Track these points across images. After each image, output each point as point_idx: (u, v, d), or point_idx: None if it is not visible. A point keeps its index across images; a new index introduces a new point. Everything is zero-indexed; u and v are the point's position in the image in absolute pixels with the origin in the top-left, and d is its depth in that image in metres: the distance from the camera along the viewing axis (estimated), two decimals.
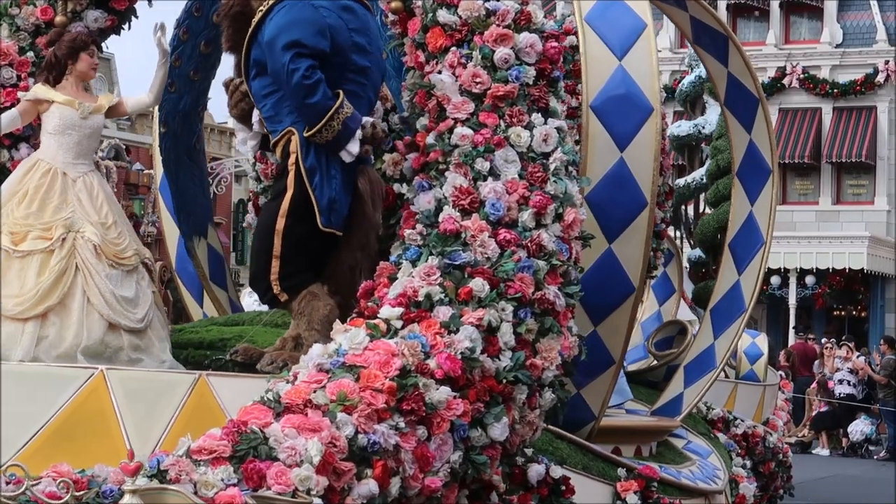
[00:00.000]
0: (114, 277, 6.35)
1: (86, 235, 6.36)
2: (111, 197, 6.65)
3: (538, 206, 5.56)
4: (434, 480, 4.96)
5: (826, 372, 21.17)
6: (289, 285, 5.82)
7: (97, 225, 6.42)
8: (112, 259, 6.38)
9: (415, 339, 5.07)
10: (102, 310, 6.27)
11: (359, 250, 5.93)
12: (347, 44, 5.87)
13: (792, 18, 35.44)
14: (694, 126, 15.50)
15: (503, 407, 5.20)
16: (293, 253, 5.83)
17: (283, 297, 5.84)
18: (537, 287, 5.45)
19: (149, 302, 6.47)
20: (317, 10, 5.79)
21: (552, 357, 5.41)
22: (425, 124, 5.82)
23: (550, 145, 5.74)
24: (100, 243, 6.36)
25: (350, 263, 5.94)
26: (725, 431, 11.34)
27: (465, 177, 5.57)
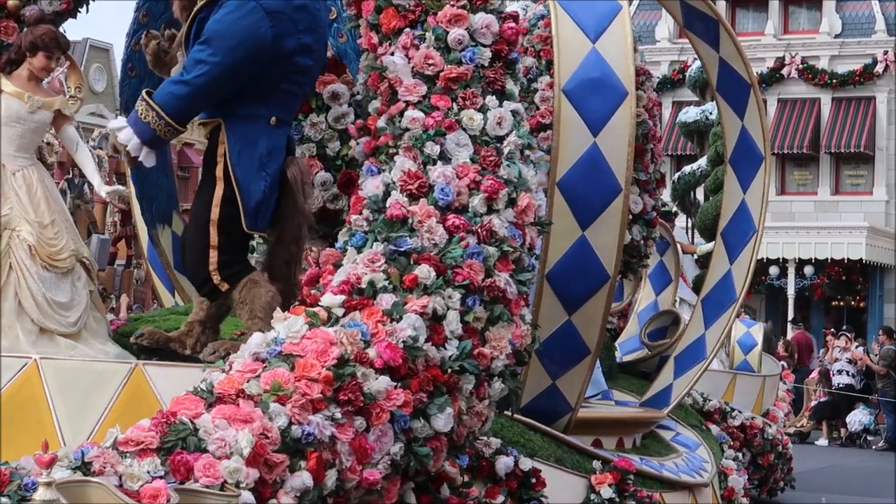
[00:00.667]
0: (47, 280, 6.15)
1: (21, 235, 6.19)
2: (52, 193, 6.41)
3: (489, 191, 5.40)
4: (373, 473, 4.82)
5: (826, 362, 21.03)
6: (228, 274, 5.68)
7: (34, 224, 6.21)
8: (46, 260, 6.18)
9: (355, 327, 4.93)
10: (33, 314, 6.09)
11: (293, 243, 5.80)
12: (293, 46, 5.68)
13: (791, 9, 35.27)
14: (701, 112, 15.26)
15: (448, 397, 5.05)
16: (230, 242, 5.69)
17: (223, 286, 5.70)
18: (487, 274, 5.30)
19: (83, 304, 6.25)
20: (263, 19, 5.57)
21: (502, 346, 5.26)
22: (377, 107, 5.67)
23: (505, 129, 5.58)
24: (35, 243, 6.16)
25: (285, 258, 5.82)
26: (722, 423, 11.17)
27: (414, 161, 5.42)
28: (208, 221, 5.66)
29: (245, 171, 5.62)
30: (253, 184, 5.63)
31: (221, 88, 5.58)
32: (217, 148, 5.67)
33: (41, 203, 6.20)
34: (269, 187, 5.67)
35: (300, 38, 5.69)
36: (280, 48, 5.62)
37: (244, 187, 5.62)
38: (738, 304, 9.38)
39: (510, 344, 5.31)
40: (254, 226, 5.67)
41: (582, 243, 7.23)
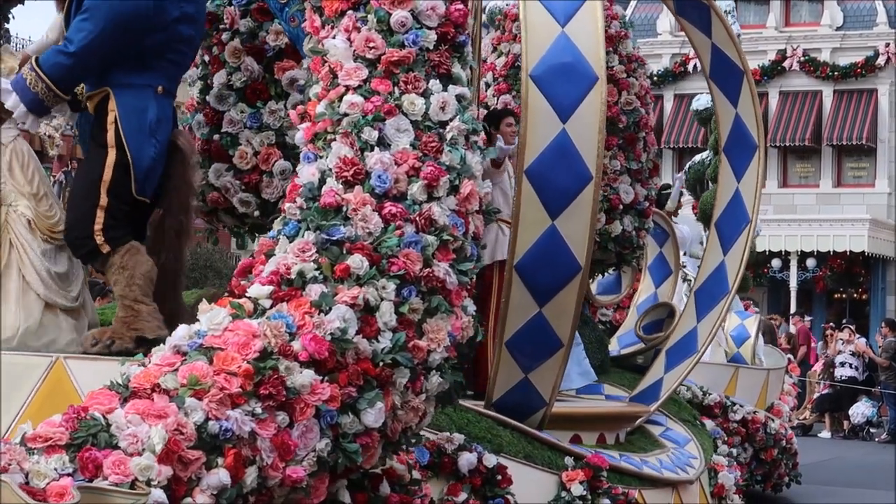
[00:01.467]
0: (48, 253, 6.06)
1: (19, 210, 6.08)
2: (40, 166, 6.36)
3: (429, 178, 5.21)
4: (296, 470, 4.64)
5: (829, 354, 20.84)
6: (112, 237, 5.63)
7: (30, 197, 6.13)
8: (46, 233, 6.10)
9: (280, 318, 4.75)
10: (38, 289, 5.99)
11: (182, 214, 5.79)
12: (176, 14, 5.70)
13: (792, 1, 35.23)
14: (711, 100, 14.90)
15: (379, 392, 4.86)
16: (118, 206, 5.64)
17: (105, 248, 5.64)
18: (426, 264, 5.10)
19: (80, 278, 6.18)
20: None
21: (440, 338, 5.06)
22: (317, 92, 5.49)
23: (449, 113, 5.38)
24: (33, 217, 6.08)
25: (175, 228, 5.80)
26: (723, 417, 10.96)
27: (351, 147, 5.23)
28: (98, 183, 5.63)
29: (135, 137, 5.62)
30: (143, 150, 5.64)
31: (105, 56, 5.58)
32: (106, 117, 5.62)
33: (34, 175, 6.11)
34: (158, 154, 5.69)
35: (182, 7, 5.71)
36: (162, 15, 5.62)
37: (135, 153, 5.62)
38: (730, 297, 9.16)
39: (450, 336, 5.12)
40: (142, 191, 5.67)
41: (552, 233, 7.02)
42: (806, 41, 34.26)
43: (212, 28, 7.06)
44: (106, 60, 5.59)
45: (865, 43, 34.05)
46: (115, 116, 5.60)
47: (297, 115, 5.56)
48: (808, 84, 34.04)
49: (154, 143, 5.66)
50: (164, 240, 5.77)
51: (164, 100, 5.75)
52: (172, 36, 5.68)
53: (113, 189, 5.63)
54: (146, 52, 5.62)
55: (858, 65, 33.14)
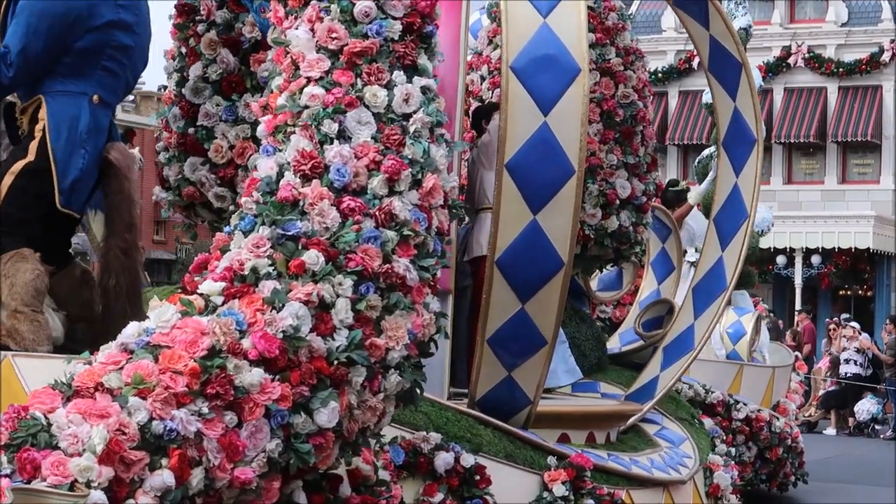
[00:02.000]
0: None
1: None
2: None
3: (390, 172, 5.08)
4: (245, 471, 4.52)
5: (833, 351, 20.71)
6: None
7: None
8: None
9: (229, 316, 4.63)
10: None
11: (126, 232, 5.62)
12: (111, 18, 5.58)
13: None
14: None
15: (333, 391, 4.74)
16: (14, 212, 5.46)
17: None
18: (386, 260, 4.98)
19: None
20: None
21: (399, 336, 4.93)
22: (280, 84, 5.37)
23: (412, 106, 5.25)
24: None
25: (120, 246, 5.61)
26: (726, 415, 10.79)
27: (310, 140, 5.11)
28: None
29: (63, 146, 5.50)
30: (71, 160, 5.50)
31: (39, 58, 5.45)
32: (36, 125, 5.48)
33: None
34: (88, 165, 5.53)
35: (119, 13, 5.59)
36: (95, 17, 5.49)
37: (60, 163, 5.49)
38: (727, 293, 9.01)
39: (410, 334, 4.99)
40: (67, 203, 5.52)
41: (533, 228, 6.88)
42: (811, 38, 34.33)
43: (188, 20, 6.96)
44: (40, 63, 5.47)
45: (870, 39, 34.04)
46: (43, 125, 5.48)
47: (260, 107, 5.44)
48: (813, 80, 34.09)
49: (83, 153, 5.51)
50: (111, 261, 5.61)
51: (100, 110, 5.60)
52: (107, 41, 5.54)
53: (13, 194, 5.45)
54: (80, 56, 5.49)
55: (863, 61, 33.15)
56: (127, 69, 5.74)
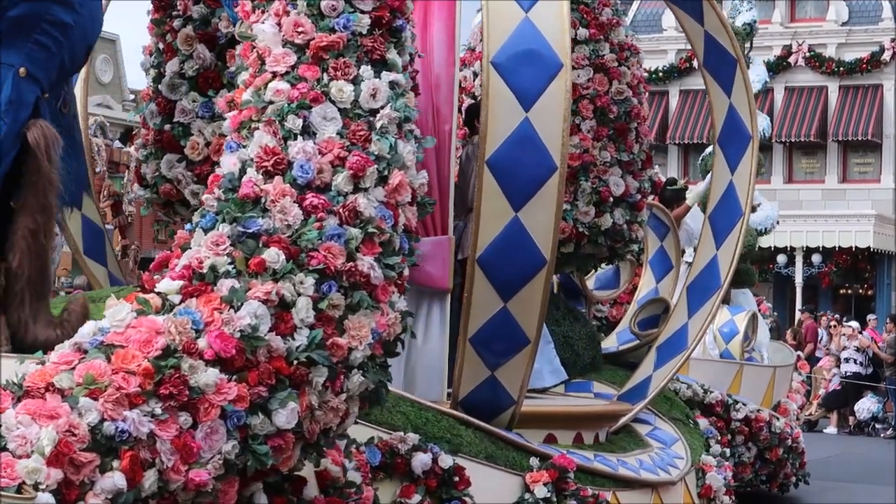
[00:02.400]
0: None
1: None
2: None
3: (355, 168, 4.98)
4: (200, 473, 4.43)
5: (833, 349, 20.63)
6: None
7: None
8: None
9: (185, 315, 4.54)
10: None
11: (38, 213, 5.31)
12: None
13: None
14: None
15: (292, 391, 4.65)
16: None
17: None
18: (350, 258, 4.88)
19: None
20: None
21: (362, 335, 4.83)
22: (245, 79, 5.28)
23: (379, 101, 5.15)
24: None
25: (31, 227, 5.31)
26: (725, 416, 10.68)
27: (274, 136, 5.02)
28: None
29: None
30: None
31: None
32: None
33: None
34: (5, 137, 5.24)
35: None
36: None
37: None
38: (722, 292, 8.90)
39: (374, 333, 4.89)
40: None
41: (515, 225, 6.79)
42: (811, 37, 34.42)
43: (165, 15, 6.88)
44: None
45: (871, 38, 34.06)
46: None
47: (226, 102, 5.35)
48: (814, 80, 34.17)
49: (0, 124, 5.24)
50: (18, 241, 5.28)
51: (26, 84, 5.34)
52: (42, 14, 5.31)
53: None
54: (11, 25, 5.25)
55: (864, 60, 33.21)
56: (63, 48, 5.48)
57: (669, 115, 35.75)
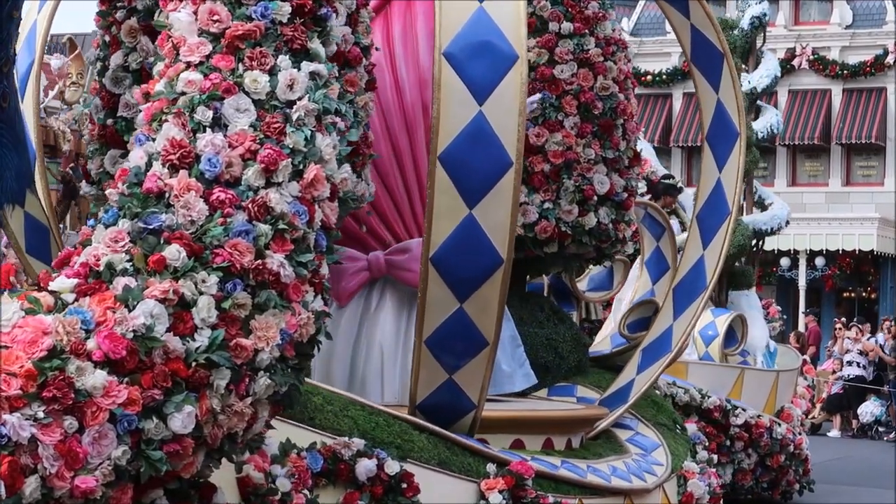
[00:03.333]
0: None
1: None
2: None
3: (266, 162, 4.77)
4: (87, 480, 4.23)
5: (836, 353, 20.35)
6: None
7: None
8: None
9: (75, 314, 4.35)
10: None
11: None
12: None
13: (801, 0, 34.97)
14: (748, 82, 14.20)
15: (189, 394, 4.44)
16: None
17: None
18: (259, 255, 4.67)
19: None
20: None
21: (269, 336, 4.62)
22: (160, 70, 5.09)
23: (297, 92, 4.94)
24: None
25: None
26: (723, 421, 10.41)
27: (183, 128, 4.82)
28: None
29: None
30: None
31: None
32: None
33: None
34: None
35: None
36: None
37: None
38: (707, 293, 8.63)
39: (284, 334, 4.68)
40: None
41: (469, 223, 6.55)
42: (815, 40, 34.33)
43: (111, 6, 6.69)
44: None
45: (875, 41, 33.85)
46: None
47: (142, 94, 5.15)
48: (818, 83, 34.08)
49: None
50: None
51: None
52: None
53: None
54: None
55: (867, 63, 33.09)
56: None
57: (673, 117, 35.60)
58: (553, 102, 9.02)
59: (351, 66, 6.82)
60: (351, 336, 8.01)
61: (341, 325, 8.03)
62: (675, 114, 35.68)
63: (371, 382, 7.81)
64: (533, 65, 9.10)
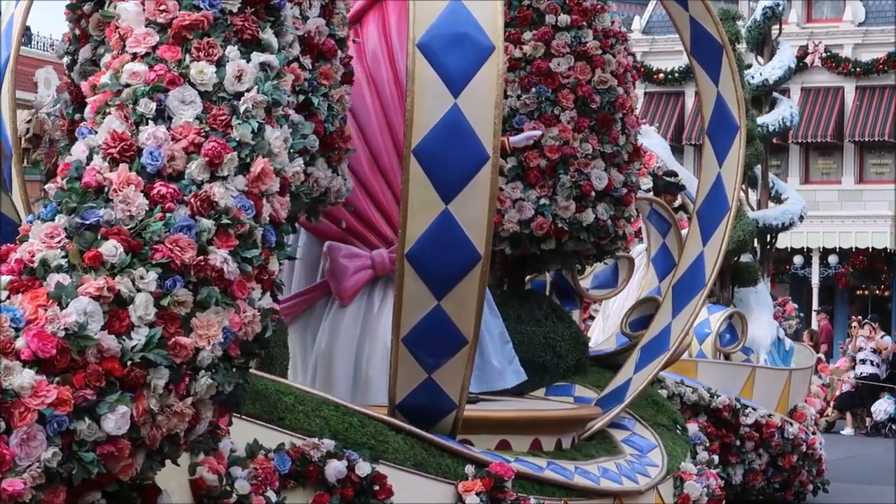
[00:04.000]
0: None
1: None
2: None
3: (210, 155, 4.63)
4: (14, 483, 4.11)
5: (850, 350, 20.09)
6: None
7: None
8: None
9: (5, 312, 4.23)
10: None
11: None
12: None
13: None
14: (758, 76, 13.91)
15: (124, 394, 4.31)
16: None
17: None
18: (202, 251, 4.54)
19: None
20: None
21: (210, 335, 4.48)
22: (108, 61, 4.96)
23: (245, 83, 4.80)
24: None
25: None
26: (733, 421, 10.20)
27: (125, 121, 4.69)
28: None
29: None
30: None
31: None
32: None
33: None
34: None
35: None
36: None
37: None
38: (706, 291, 8.44)
39: (228, 333, 4.54)
40: None
41: (446, 218, 6.39)
42: (828, 37, 34.18)
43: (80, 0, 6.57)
44: None
45: (887, 39, 33.75)
46: None
47: (90, 87, 5.03)
48: (830, 80, 33.91)
49: None
50: None
51: None
52: None
53: None
54: None
55: (880, 61, 32.95)
56: None
57: (685, 115, 35.38)
58: (549, 96, 8.83)
59: (325, 59, 6.72)
60: (354, 336, 7.88)
61: (343, 325, 7.91)
62: (687, 112, 35.56)
63: (375, 384, 7.67)
64: (529, 58, 8.93)
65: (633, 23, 35.92)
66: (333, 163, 6.70)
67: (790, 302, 15.19)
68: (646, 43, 35.62)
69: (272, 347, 6.78)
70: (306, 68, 6.53)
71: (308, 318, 8.00)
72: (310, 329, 7.97)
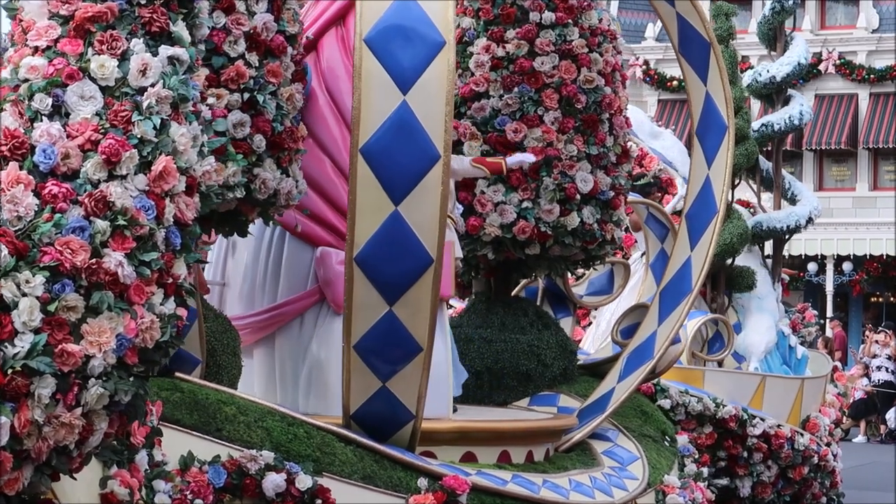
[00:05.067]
0: None
1: None
2: None
3: (108, 153, 4.41)
4: None
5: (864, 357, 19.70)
6: None
7: None
8: None
9: None
10: None
11: None
12: None
13: (827, 4, 34.70)
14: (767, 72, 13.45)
15: (4, 405, 4.09)
16: None
17: None
18: (96, 254, 4.31)
19: None
20: None
21: (102, 342, 4.25)
22: (10, 56, 4.75)
23: (150, 78, 4.57)
24: None
25: None
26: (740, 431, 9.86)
27: (19, 117, 4.47)
28: None
29: None
30: None
31: None
32: None
33: None
34: None
35: None
36: None
37: None
38: (692, 297, 8.13)
39: (123, 339, 4.31)
40: None
41: (395, 220, 6.14)
42: (841, 44, 33.97)
43: None
44: None
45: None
46: None
47: None
48: (844, 87, 33.76)
49: None
50: None
51: None
52: None
53: None
54: None
55: (894, 68, 32.23)
56: None
57: None
58: (532, 96, 8.54)
59: (274, 56, 6.49)
60: None
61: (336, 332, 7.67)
62: None
63: None
64: (512, 57, 8.64)
65: (646, 30, 35.52)
66: (283, 164, 6.47)
67: (809, 308, 14.77)
68: (659, 50, 35.23)
69: (220, 355, 6.55)
70: (252, 65, 6.30)
71: (299, 326, 7.73)
72: (301, 337, 7.69)
